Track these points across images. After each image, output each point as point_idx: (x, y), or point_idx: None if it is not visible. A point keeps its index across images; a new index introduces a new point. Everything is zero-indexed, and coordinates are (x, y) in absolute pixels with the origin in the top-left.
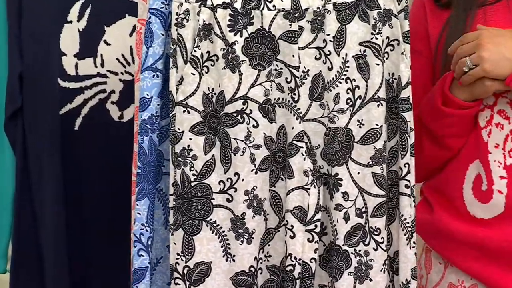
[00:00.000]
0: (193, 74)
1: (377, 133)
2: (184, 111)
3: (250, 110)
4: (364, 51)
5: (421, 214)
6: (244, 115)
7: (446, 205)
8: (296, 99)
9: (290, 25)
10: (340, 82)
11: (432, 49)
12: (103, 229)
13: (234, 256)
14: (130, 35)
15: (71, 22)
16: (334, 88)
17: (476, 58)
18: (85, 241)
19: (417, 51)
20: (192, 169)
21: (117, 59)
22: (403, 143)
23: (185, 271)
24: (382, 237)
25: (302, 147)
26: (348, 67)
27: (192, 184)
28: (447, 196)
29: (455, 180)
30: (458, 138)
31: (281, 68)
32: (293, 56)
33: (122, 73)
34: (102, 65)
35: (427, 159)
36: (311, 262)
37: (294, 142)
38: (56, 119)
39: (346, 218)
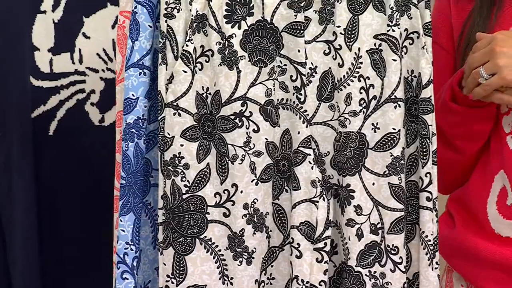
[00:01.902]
0: (185, 72)
1: (394, 138)
2: (174, 114)
3: (250, 112)
4: (380, 45)
5: (442, 229)
6: (243, 118)
7: (468, 220)
8: (302, 100)
9: (295, 15)
10: (352, 81)
11: (455, 44)
12: (81, 249)
13: (232, 278)
14: (113, 27)
15: (44, 12)
16: (345, 87)
17: (491, 66)
18: (60, 263)
19: (439, 45)
20: (184, 179)
21: (97, 54)
22: (424, 150)
23: None
24: (401, 257)
25: (310, 155)
26: (361, 63)
27: (184, 196)
28: (470, 211)
29: (478, 193)
30: (468, 141)
31: (285, 65)
32: (299, 51)
33: (103, 70)
34: (81, 61)
35: (442, 165)
36: (320, 285)
37: (300, 148)
38: (27, 123)
39: (359, 235)
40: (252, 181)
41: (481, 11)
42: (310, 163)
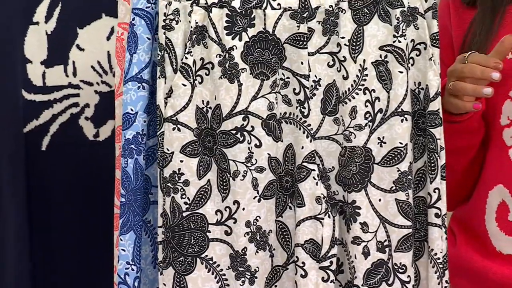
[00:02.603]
0: (184, 85)
1: (401, 153)
2: (174, 129)
3: (252, 127)
4: (385, 56)
5: None
6: (245, 133)
7: (469, 238)
8: (305, 114)
9: (298, 26)
10: (357, 93)
11: (456, 57)
12: (77, 269)
13: None
14: (108, 38)
15: (37, 23)
16: (350, 100)
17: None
18: (55, 286)
19: (441, 60)
20: (184, 196)
21: (92, 67)
22: (432, 165)
23: None
24: (409, 276)
25: (314, 170)
26: (366, 75)
27: (184, 214)
28: (470, 228)
29: (474, 210)
30: (455, 156)
31: (287, 78)
32: (302, 63)
33: (98, 83)
34: (75, 74)
35: None
36: None
37: (304, 164)
38: (19, 138)
39: (366, 253)
40: (254, 198)
41: (483, 20)
42: (315, 179)
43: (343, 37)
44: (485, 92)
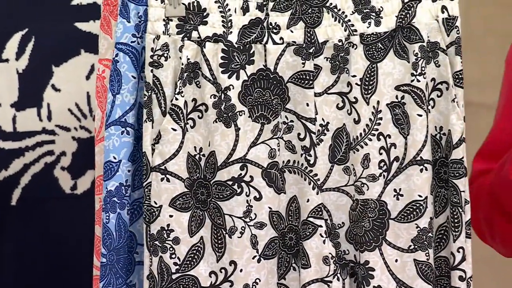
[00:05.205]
0: (174, 130)
1: (421, 207)
2: (162, 179)
3: (251, 177)
4: (402, 97)
5: None
6: (243, 184)
7: None
8: (312, 162)
9: (303, 63)
10: (371, 139)
11: None
12: None
13: None
14: (88, 77)
15: (7, 60)
16: (362, 147)
17: None
18: None
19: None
20: (174, 256)
21: (69, 110)
22: (456, 221)
23: None
24: None
25: (321, 226)
26: (380, 119)
27: (174, 276)
28: None
29: None
30: None
31: (291, 121)
32: (308, 104)
33: (76, 128)
34: (49, 118)
35: (500, 240)
36: None
37: (310, 219)
38: None
39: None
40: (253, 258)
41: None
42: (322, 236)
43: (354, 76)
44: None
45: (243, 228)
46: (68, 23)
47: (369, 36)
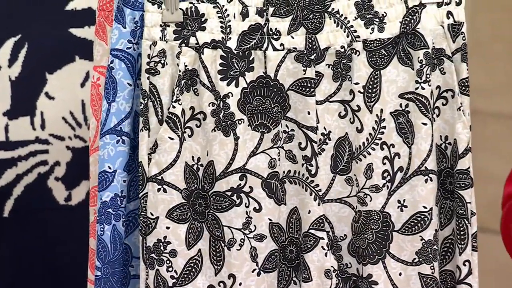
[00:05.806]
0: (172, 139)
1: (426, 218)
2: (159, 190)
3: (250, 187)
4: (406, 105)
5: None
6: (242, 195)
7: None
8: (313, 172)
9: (304, 70)
10: (374, 149)
11: None
12: None
13: None
14: (82, 85)
15: None
16: (365, 156)
17: None
18: None
19: None
20: (171, 269)
21: (63, 118)
22: (462, 233)
23: None
24: None
25: (323, 238)
26: (384, 127)
27: None
28: None
29: None
30: None
31: (292, 130)
32: (309, 113)
33: (70, 137)
34: (43, 127)
35: None
36: None
37: (311, 231)
38: None
39: None
40: (253, 271)
41: None
42: (324, 248)
43: (357, 83)
44: None
45: (242, 240)
46: (62, 29)
47: (372, 42)
